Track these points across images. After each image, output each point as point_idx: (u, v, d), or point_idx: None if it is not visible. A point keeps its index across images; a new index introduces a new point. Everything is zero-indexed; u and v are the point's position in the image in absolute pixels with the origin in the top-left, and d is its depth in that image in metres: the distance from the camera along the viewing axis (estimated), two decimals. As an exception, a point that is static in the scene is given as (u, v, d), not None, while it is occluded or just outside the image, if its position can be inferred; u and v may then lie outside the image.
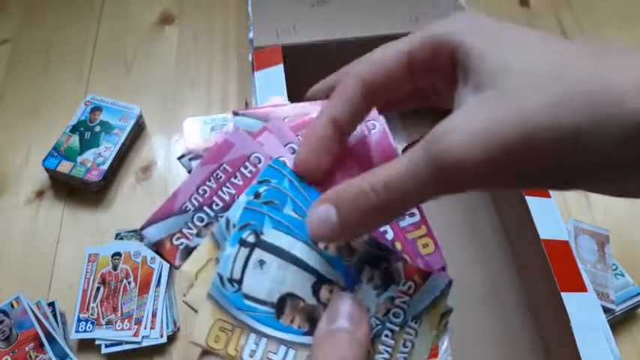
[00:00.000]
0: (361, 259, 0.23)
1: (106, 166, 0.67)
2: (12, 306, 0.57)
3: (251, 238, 0.23)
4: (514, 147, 0.17)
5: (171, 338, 0.58)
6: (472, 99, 0.19)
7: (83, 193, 0.68)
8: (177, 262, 0.23)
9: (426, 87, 0.23)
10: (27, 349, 0.55)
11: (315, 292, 0.23)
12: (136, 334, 0.56)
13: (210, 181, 0.24)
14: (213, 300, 0.22)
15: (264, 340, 0.22)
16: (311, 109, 0.26)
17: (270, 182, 0.24)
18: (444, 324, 0.24)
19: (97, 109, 0.72)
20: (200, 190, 0.24)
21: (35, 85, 0.78)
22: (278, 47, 0.57)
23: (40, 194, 0.69)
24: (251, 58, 0.58)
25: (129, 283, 0.59)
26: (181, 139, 0.72)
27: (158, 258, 0.61)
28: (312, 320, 0.23)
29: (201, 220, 0.24)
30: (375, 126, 0.26)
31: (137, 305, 0.58)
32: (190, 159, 0.25)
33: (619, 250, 0.62)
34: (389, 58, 0.23)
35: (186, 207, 0.24)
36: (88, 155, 0.68)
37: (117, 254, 0.61)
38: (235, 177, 0.24)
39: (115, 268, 0.60)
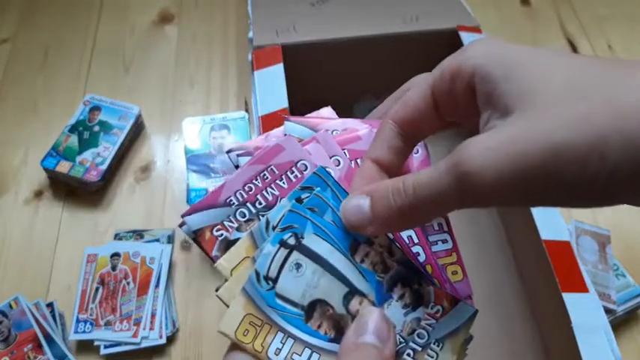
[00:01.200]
0: (394, 277, 0.24)
1: (104, 166, 0.66)
2: (10, 307, 0.57)
3: (291, 241, 0.24)
4: (540, 162, 0.17)
5: (171, 339, 0.57)
6: (496, 120, 0.19)
7: (82, 193, 0.68)
8: (214, 253, 0.24)
9: (452, 115, 0.24)
10: (26, 349, 0.55)
11: (346, 302, 0.23)
12: (135, 335, 0.56)
13: (256, 179, 0.25)
14: (247, 294, 0.23)
15: (290, 340, 0.23)
16: (358, 126, 0.27)
17: (314, 190, 0.24)
18: (464, 350, 0.24)
19: (95, 108, 0.71)
20: (246, 187, 0.25)
21: (34, 85, 0.78)
22: (278, 46, 0.57)
23: (38, 194, 0.68)
24: (251, 58, 0.58)
25: (128, 283, 0.59)
26: (180, 138, 0.72)
27: (157, 258, 0.61)
28: (338, 328, 0.23)
29: (243, 215, 0.25)
30: (418, 151, 0.27)
31: (136, 306, 0.58)
32: (238, 155, 0.26)
33: (620, 250, 0.62)
34: (415, 98, 0.24)
35: (231, 201, 0.25)
36: (87, 155, 0.67)
37: (116, 254, 0.61)
38: (281, 179, 0.25)
39: (113, 268, 0.60)
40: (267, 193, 0.25)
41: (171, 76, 0.79)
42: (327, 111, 0.28)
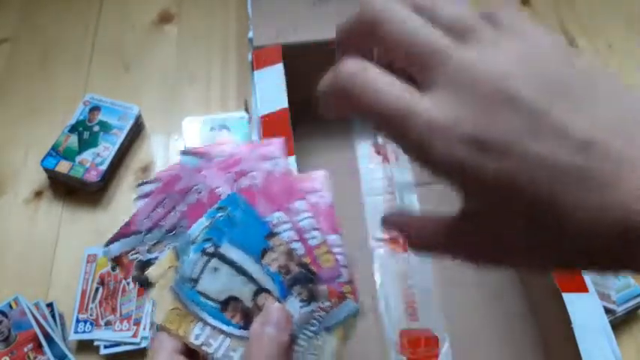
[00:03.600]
0: (295, 278, 0.30)
1: (104, 166, 0.66)
2: (10, 307, 0.57)
3: (211, 249, 0.29)
4: None
5: (171, 339, 0.57)
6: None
7: (82, 193, 0.68)
8: (133, 273, 0.30)
9: None
10: (26, 350, 0.55)
11: (255, 297, 0.29)
12: (135, 335, 0.56)
13: (159, 208, 0.30)
14: (174, 292, 0.29)
15: (208, 328, 0.29)
16: (241, 149, 0.32)
17: (227, 209, 0.30)
18: (348, 338, 0.30)
19: (95, 108, 0.71)
20: (151, 216, 0.30)
21: (34, 85, 0.78)
22: (278, 46, 0.57)
23: (38, 194, 0.68)
24: (250, 58, 0.58)
25: (128, 283, 0.59)
26: (180, 138, 0.71)
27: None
28: (248, 319, 0.29)
29: (152, 239, 0.30)
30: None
31: (136, 306, 0.58)
32: (138, 185, 0.32)
33: (620, 250, 0.62)
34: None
35: (139, 229, 0.30)
36: (87, 155, 0.67)
37: (116, 255, 0.61)
38: (180, 204, 0.30)
39: (113, 268, 0.60)
40: (170, 217, 0.30)
41: (171, 76, 0.79)
42: (224, 138, 0.33)
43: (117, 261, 0.30)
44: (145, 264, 0.29)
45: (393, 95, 0.20)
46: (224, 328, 0.28)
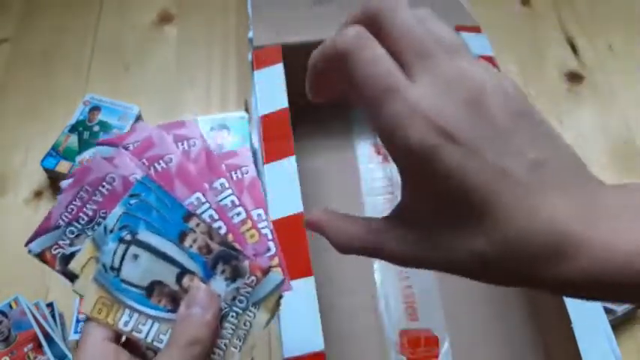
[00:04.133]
0: (217, 257, 0.30)
1: (104, 166, 0.66)
2: (10, 307, 0.57)
3: (128, 237, 0.29)
4: None
5: (171, 339, 0.57)
6: None
7: (82, 193, 0.68)
8: (57, 267, 0.30)
9: None
10: (26, 350, 0.55)
11: (179, 280, 0.29)
12: (135, 335, 0.56)
13: (75, 200, 0.30)
14: (98, 282, 0.29)
15: (135, 314, 0.29)
16: (152, 132, 0.32)
17: (140, 195, 0.30)
18: (277, 309, 0.30)
19: (95, 108, 0.71)
20: (69, 209, 0.30)
21: (34, 85, 0.78)
22: (278, 46, 0.57)
23: (38, 194, 0.68)
24: (250, 57, 0.58)
25: (128, 283, 0.59)
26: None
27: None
28: (175, 301, 0.29)
29: (72, 232, 0.30)
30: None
31: (136, 306, 0.58)
32: (63, 181, 0.32)
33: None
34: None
35: (59, 224, 0.30)
36: (87, 155, 0.67)
37: (116, 254, 0.61)
38: (95, 195, 0.30)
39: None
40: (87, 209, 0.30)
41: (171, 76, 0.79)
42: (139, 125, 0.33)
43: (41, 257, 0.30)
44: (69, 257, 0.29)
45: (385, 69, 0.21)
46: (152, 312, 0.29)
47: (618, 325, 0.58)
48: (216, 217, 0.31)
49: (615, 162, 0.72)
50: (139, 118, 0.72)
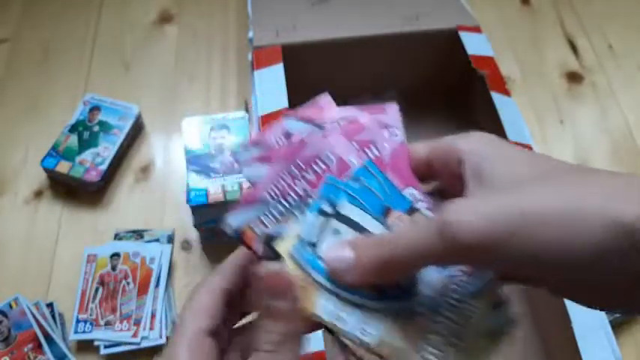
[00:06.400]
0: None
1: (104, 166, 0.66)
2: (10, 307, 0.57)
3: (328, 209, 0.26)
4: (515, 222, 0.21)
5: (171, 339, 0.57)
6: (481, 191, 0.24)
7: (82, 193, 0.68)
8: (255, 246, 0.26)
9: (433, 175, 0.27)
10: (26, 349, 0.55)
11: None
12: (135, 335, 0.56)
13: (285, 175, 0.26)
14: (293, 259, 0.25)
15: (334, 299, 0.24)
16: (357, 114, 0.28)
17: (361, 180, 0.26)
18: (500, 303, 0.26)
19: (95, 108, 0.71)
20: (277, 184, 0.26)
21: (34, 84, 0.78)
22: (278, 46, 0.57)
23: (38, 194, 0.68)
24: (251, 57, 0.58)
25: (128, 283, 0.59)
26: (180, 138, 0.71)
27: (157, 258, 0.61)
28: (379, 289, 0.25)
29: (278, 211, 0.26)
30: (397, 134, 0.28)
31: (136, 306, 0.58)
32: (245, 149, 0.27)
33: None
34: (418, 149, 0.27)
35: (266, 197, 0.26)
36: (87, 155, 0.67)
37: (116, 255, 0.61)
38: (308, 173, 0.26)
39: (113, 268, 0.60)
40: (297, 187, 0.26)
41: (171, 75, 0.79)
42: (325, 100, 0.29)
43: (239, 233, 0.26)
44: (271, 238, 0.25)
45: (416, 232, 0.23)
46: (352, 298, 0.24)
47: (618, 325, 0.58)
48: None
49: (615, 162, 0.72)
50: (138, 117, 0.72)
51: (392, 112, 0.28)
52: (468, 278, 0.26)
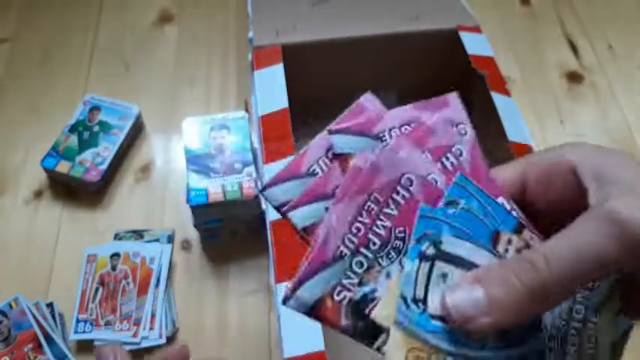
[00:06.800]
0: None
1: (104, 166, 0.66)
2: (10, 307, 0.57)
3: (430, 250, 0.21)
4: None
5: (171, 339, 0.57)
6: (621, 193, 0.20)
7: (82, 194, 0.68)
8: (343, 322, 0.20)
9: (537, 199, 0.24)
10: (26, 349, 0.55)
11: None
12: (135, 335, 0.56)
13: (361, 216, 0.21)
14: (401, 327, 0.20)
15: None
16: (419, 114, 0.23)
17: (459, 204, 0.21)
18: (620, 312, 0.23)
19: (95, 108, 0.71)
20: (353, 229, 0.21)
21: (34, 85, 0.78)
22: (278, 46, 0.57)
23: (38, 194, 0.68)
24: (251, 58, 0.58)
25: (128, 283, 0.59)
26: (180, 138, 0.71)
27: (157, 259, 0.60)
28: (503, 335, 0.21)
29: (361, 265, 0.21)
30: (466, 132, 0.24)
31: (136, 306, 0.58)
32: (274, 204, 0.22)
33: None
34: (507, 172, 0.24)
35: (342, 252, 0.20)
36: (87, 155, 0.67)
37: (116, 255, 0.61)
38: (388, 207, 0.21)
39: (113, 268, 0.60)
40: (379, 227, 0.21)
41: (171, 76, 0.79)
42: (369, 100, 0.24)
43: (315, 310, 0.20)
44: (360, 303, 0.20)
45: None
46: (481, 355, 0.20)
47: (618, 325, 0.58)
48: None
49: (615, 162, 0.72)
50: (138, 117, 0.72)
51: (455, 103, 0.23)
52: (591, 293, 0.23)
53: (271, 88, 0.53)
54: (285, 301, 0.20)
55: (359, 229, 0.20)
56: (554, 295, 0.19)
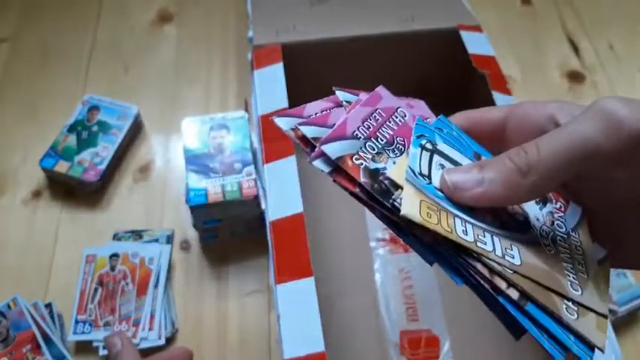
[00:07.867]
0: None
1: (103, 166, 0.66)
2: (9, 307, 0.57)
3: (429, 145, 0.25)
4: None
5: (170, 339, 0.57)
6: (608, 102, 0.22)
7: (80, 194, 0.68)
8: (362, 179, 0.23)
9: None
10: (24, 350, 0.54)
11: None
12: (134, 336, 0.56)
13: (370, 119, 0.26)
14: (412, 185, 0.23)
15: (468, 224, 0.23)
16: (399, 103, 0.28)
17: (443, 130, 0.26)
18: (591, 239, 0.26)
19: (94, 108, 0.71)
20: (365, 124, 0.25)
21: (33, 85, 0.78)
22: (277, 46, 0.57)
23: (37, 194, 0.68)
24: (250, 57, 0.58)
25: (127, 284, 0.59)
26: (180, 138, 0.71)
27: (156, 259, 0.60)
28: (496, 216, 0.24)
29: (373, 148, 0.25)
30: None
31: (135, 307, 0.58)
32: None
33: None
34: (493, 113, 0.28)
35: (357, 134, 0.25)
36: (86, 155, 0.67)
37: (114, 255, 0.61)
38: (389, 122, 0.26)
39: (112, 269, 0.60)
40: (384, 131, 0.26)
41: (170, 75, 0.79)
42: (383, 91, 0.28)
43: (338, 162, 0.23)
44: (374, 172, 0.23)
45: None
46: (484, 225, 0.23)
47: (618, 325, 0.58)
48: None
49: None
50: (137, 117, 0.72)
51: (420, 106, 0.29)
52: (564, 215, 0.26)
53: (271, 88, 0.53)
54: (313, 158, 0.23)
55: (369, 126, 0.25)
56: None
